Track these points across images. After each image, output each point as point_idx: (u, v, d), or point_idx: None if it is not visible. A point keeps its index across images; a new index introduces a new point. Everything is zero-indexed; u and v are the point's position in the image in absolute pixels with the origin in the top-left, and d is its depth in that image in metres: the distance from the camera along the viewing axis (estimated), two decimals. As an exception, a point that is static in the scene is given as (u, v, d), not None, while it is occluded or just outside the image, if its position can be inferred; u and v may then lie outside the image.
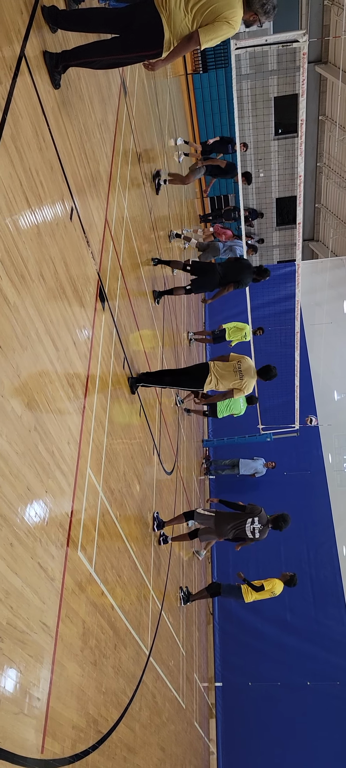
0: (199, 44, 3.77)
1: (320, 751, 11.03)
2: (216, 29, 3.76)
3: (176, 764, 6.66)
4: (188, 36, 3.76)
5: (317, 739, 11.15)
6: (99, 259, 4.46)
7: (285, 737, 11.23)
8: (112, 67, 4.37)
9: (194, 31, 3.75)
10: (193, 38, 3.75)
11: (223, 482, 14.34)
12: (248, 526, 6.96)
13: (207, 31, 3.75)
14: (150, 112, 8.14)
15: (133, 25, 3.65)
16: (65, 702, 3.12)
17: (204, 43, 3.77)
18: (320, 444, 15.04)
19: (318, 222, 24.41)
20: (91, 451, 3.93)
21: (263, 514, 7.03)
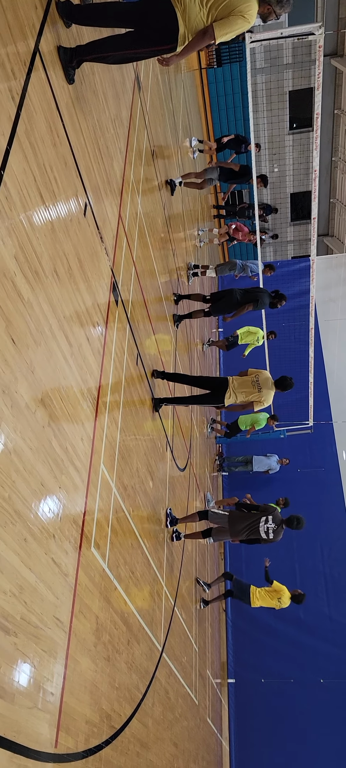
0: (214, 39, 3.73)
1: (333, 748, 10.99)
2: (231, 23, 3.72)
3: (188, 760, 6.66)
4: (203, 30, 3.72)
5: (330, 737, 11.11)
6: (112, 256, 4.45)
7: (298, 734, 11.20)
8: (126, 62, 4.35)
9: (209, 25, 3.72)
10: (208, 32, 3.72)
11: (236, 479, 14.32)
12: (262, 525, 6.92)
13: (222, 26, 3.71)
14: (164, 108, 8.12)
15: (147, 20, 3.63)
16: (79, 697, 3.13)
17: (219, 38, 3.74)
18: (334, 441, 14.96)
19: (333, 217, 24.22)
20: (105, 448, 3.94)
21: (277, 514, 6.99)
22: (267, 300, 8.21)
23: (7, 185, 2.55)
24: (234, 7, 3.70)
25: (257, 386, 6.70)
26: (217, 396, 6.70)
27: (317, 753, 11.01)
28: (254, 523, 6.96)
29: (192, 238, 11.19)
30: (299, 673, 11.77)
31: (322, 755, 10.98)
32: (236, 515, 7.10)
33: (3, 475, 2.40)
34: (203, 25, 3.73)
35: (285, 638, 12.03)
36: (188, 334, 9.58)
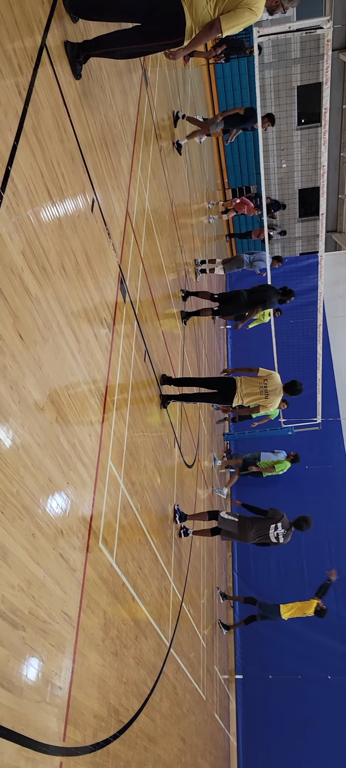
0: (220, 31, 3.73)
1: (340, 744, 10.98)
2: (238, 16, 3.72)
3: (196, 755, 6.67)
4: (210, 23, 3.72)
5: (337, 733, 11.10)
6: (120, 252, 4.45)
7: (305, 730, 11.20)
8: (133, 57, 4.35)
9: (216, 18, 3.71)
10: (215, 26, 3.71)
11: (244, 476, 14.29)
12: (272, 531, 6.93)
13: (229, 18, 3.71)
14: (171, 103, 8.10)
15: (154, 14, 3.61)
16: (87, 691, 3.14)
17: (226, 31, 3.74)
18: (342, 438, 14.91)
19: (341, 213, 24.08)
20: (113, 444, 3.94)
21: (286, 519, 7.00)
22: (275, 298, 8.17)
23: (15, 181, 2.55)
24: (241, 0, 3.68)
25: (265, 392, 6.72)
26: (225, 396, 6.75)
27: (324, 749, 11.00)
28: (263, 530, 6.97)
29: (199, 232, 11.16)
30: (306, 670, 11.76)
31: (329, 751, 10.97)
32: (246, 521, 7.07)
33: (11, 470, 2.41)
34: (210, 18, 3.72)
35: (293, 635, 12.01)
36: (195, 330, 9.57)
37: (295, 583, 12.67)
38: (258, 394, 6.70)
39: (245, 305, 8.15)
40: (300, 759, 10.98)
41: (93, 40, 3.57)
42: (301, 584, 12.67)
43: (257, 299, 8.07)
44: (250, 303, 8.11)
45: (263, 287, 8.30)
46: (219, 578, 10.80)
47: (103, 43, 3.61)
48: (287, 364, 13.74)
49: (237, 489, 14.27)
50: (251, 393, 6.68)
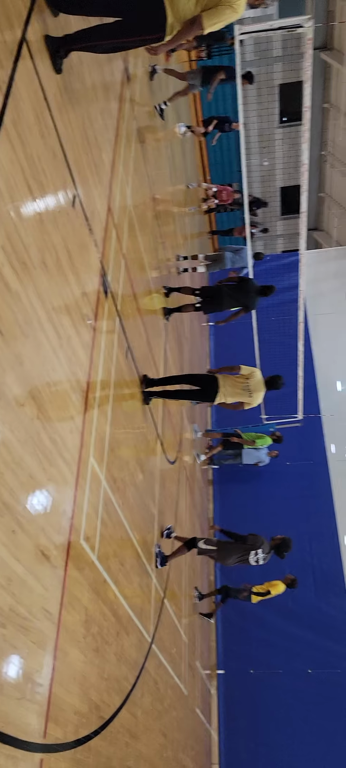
0: (202, 28, 3.75)
1: (321, 737, 11.10)
2: (219, 13, 3.74)
3: (177, 750, 6.70)
4: (191, 20, 3.73)
5: (318, 726, 11.21)
6: (102, 248, 4.44)
7: (286, 724, 11.30)
8: (114, 51, 4.34)
9: (198, 15, 3.72)
10: (196, 22, 3.73)
11: (226, 472, 14.36)
12: (252, 557, 7.00)
13: (210, 16, 3.73)
14: (153, 99, 8.09)
15: (135, 9, 3.63)
16: (68, 688, 3.13)
17: (207, 28, 3.75)
18: (323, 435, 15.04)
19: (322, 211, 24.30)
20: (94, 440, 3.93)
21: (266, 544, 7.05)
22: (257, 299, 8.21)
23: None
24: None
25: (248, 390, 6.76)
26: (207, 394, 6.75)
27: (304, 742, 11.11)
28: (243, 556, 7.02)
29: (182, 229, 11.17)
30: (287, 664, 11.86)
31: (309, 744, 11.08)
32: (226, 548, 7.07)
33: (-9, 466, 2.40)
34: (191, 15, 3.73)
35: (274, 630, 12.11)
36: (178, 327, 9.58)
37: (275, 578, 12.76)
38: (241, 392, 6.74)
39: (228, 304, 8.17)
40: (281, 753, 11.08)
41: (74, 35, 3.56)
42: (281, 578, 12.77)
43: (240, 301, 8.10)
44: (232, 303, 8.13)
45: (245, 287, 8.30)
46: (201, 573, 10.85)
47: (84, 37, 3.59)
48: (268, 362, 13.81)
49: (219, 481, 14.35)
50: (234, 391, 6.71)
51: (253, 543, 6.98)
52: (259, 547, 6.96)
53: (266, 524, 12.67)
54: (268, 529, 10.27)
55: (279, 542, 7.17)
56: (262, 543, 6.99)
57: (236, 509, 13.76)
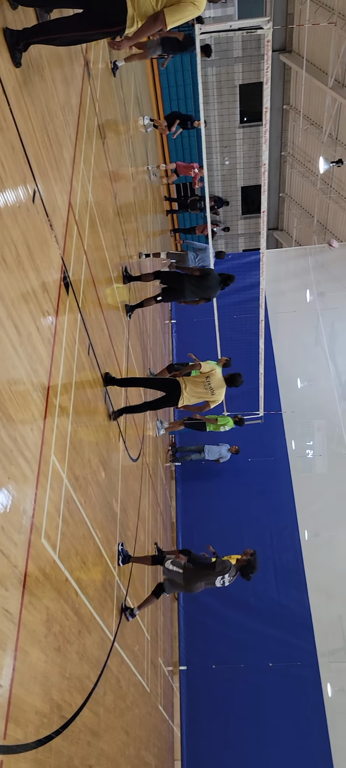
0: (165, 24, 3.81)
1: (281, 729, 11.30)
2: (182, 9, 3.82)
3: (140, 747, 6.71)
4: (154, 16, 3.79)
5: (279, 718, 11.42)
6: (63, 244, 4.41)
7: (248, 718, 11.46)
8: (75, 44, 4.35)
9: (160, 11, 3.79)
10: (159, 18, 3.79)
11: (188, 468, 14.44)
12: (218, 580, 7.01)
13: (173, 12, 3.80)
14: (115, 96, 8.05)
15: (95, 1, 3.64)
16: (28, 688, 3.10)
17: (170, 24, 3.82)
18: (284, 431, 15.28)
19: (282, 211, 24.65)
20: (55, 438, 3.90)
21: (232, 568, 7.07)
22: (217, 290, 8.36)
23: None
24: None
25: (210, 389, 6.90)
26: (170, 399, 6.83)
27: (266, 735, 11.29)
28: (209, 581, 7.03)
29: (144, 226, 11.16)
30: (248, 658, 12.02)
31: (271, 737, 11.27)
32: (192, 573, 7.05)
33: None
34: (152, 10, 3.79)
35: (235, 624, 12.26)
36: (140, 324, 9.57)
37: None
38: (203, 392, 6.85)
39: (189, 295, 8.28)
40: (243, 746, 11.23)
41: (33, 28, 3.52)
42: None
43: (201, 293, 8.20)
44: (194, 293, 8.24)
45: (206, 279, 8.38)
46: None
47: (43, 30, 3.57)
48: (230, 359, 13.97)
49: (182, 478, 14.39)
50: (196, 392, 6.81)
51: (221, 569, 6.97)
52: (226, 572, 6.98)
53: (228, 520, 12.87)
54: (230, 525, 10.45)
55: (245, 564, 7.18)
56: (229, 568, 7.00)
57: (199, 506, 13.87)
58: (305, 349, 17.26)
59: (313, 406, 16.05)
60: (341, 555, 13.62)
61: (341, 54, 15.66)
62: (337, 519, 14.36)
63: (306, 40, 16.89)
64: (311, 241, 21.99)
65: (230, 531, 11.98)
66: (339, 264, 18.65)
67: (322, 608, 12.71)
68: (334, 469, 15.28)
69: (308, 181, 21.13)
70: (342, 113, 17.26)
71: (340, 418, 15.34)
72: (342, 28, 15.17)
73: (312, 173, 20.58)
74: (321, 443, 15.94)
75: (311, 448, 15.98)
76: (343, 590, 13.07)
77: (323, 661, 12.16)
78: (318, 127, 18.93)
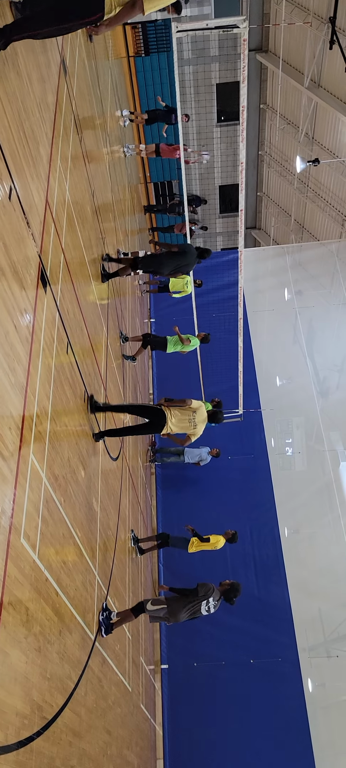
0: (142, 11, 4.00)
1: (263, 724, 11.37)
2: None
3: (122, 746, 6.70)
4: (132, 2, 3.95)
5: (260, 714, 11.48)
6: (40, 242, 4.37)
7: (229, 714, 11.50)
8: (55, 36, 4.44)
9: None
10: (137, 5, 3.97)
11: (168, 470, 14.44)
12: (203, 607, 7.04)
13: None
14: (91, 94, 8.02)
15: None
16: (9, 689, 3.07)
17: (148, 10, 4.00)
18: (263, 428, 15.36)
19: (260, 210, 24.82)
20: (34, 437, 3.87)
21: (216, 591, 7.11)
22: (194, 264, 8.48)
23: None
24: None
25: (193, 424, 7.08)
26: (155, 426, 6.96)
27: (248, 731, 11.35)
28: (195, 610, 7.04)
29: (122, 225, 11.13)
30: (230, 655, 12.06)
31: (253, 732, 11.33)
32: (176, 605, 7.02)
33: None
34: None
35: (216, 622, 12.26)
36: (119, 322, 9.55)
37: (219, 571, 12.95)
38: (187, 425, 7.03)
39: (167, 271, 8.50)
40: (225, 743, 11.27)
41: (13, 24, 3.53)
42: (224, 571, 12.97)
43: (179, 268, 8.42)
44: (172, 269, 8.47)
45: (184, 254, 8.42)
46: (144, 569, 10.87)
47: (24, 26, 3.60)
48: (209, 358, 14.05)
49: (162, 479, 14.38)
50: (180, 424, 6.98)
51: (204, 593, 6.99)
52: (210, 596, 7.01)
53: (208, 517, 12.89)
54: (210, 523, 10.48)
55: (228, 587, 7.23)
56: (212, 591, 7.03)
57: (179, 503, 13.89)
58: (283, 347, 17.40)
59: (292, 404, 16.20)
60: (321, 551, 13.78)
61: (317, 54, 15.82)
62: (316, 515, 14.52)
63: (282, 40, 17.03)
64: (288, 239, 22.17)
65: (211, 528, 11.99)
66: (316, 262, 18.85)
67: (302, 604, 12.82)
68: (313, 466, 15.44)
69: (286, 180, 21.30)
70: (318, 113, 17.45)
71: (318, 416, 15.49)
72: (317, 29, 15.33)
73: (289, 172, 20.76)
74: (300, 440, 16.10)
75: (291, 446, 16.13)
76: (323, 586, 13.21)
77: (304, 656, 12.26)
78: (295, 126, 19.10)
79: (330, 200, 18.96)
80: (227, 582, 7.30)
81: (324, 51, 15.53)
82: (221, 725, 11.40)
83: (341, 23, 13.66)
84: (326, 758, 11.34)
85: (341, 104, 15.75)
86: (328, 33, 14.01)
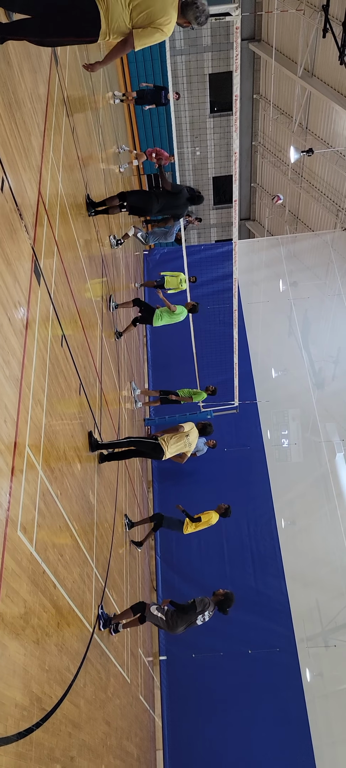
0: (133, 47, 4.21)
1: (262, 714, 11.43)
2: (150, 34, 4.19)
3: (121, 737, 6.72)
4: (124, 41, 4.21)
5: (259, 704, 11.54)
6: (33, 234, 4.35)
7: (228, 705, 11.56)
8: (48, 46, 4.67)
9: (129, 34, 4.18)
10: (128, 42, 4.20)
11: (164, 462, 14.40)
12: (199, 619, 7.26)
13: (141, 36, 4.18)
14: (83, 85, 7.97)
15: (71, 12, 3.92)
16: (7, 681, 3.07)
17: (138, 47, 4.21)
18: (259, 420, 15.39)
19: (254, 201, 24.78)
20: (30, 430, 3.86)
21: (211, 604, 7.33)
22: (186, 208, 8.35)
23: None
24: (155, 19, 4.13)
25: (188, 444, 7.76)
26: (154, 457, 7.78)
27: (247, 721, 11.41)
28: (191, 622, 7.30)
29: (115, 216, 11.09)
30: (228, 646, 12.10)
31: (252, 723, 11.39)
32: (174, 617, 7.26)
33: None
34: (124, 26, 4.13)
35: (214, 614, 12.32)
36: (113, 318, 9.53)
37: (216, 563, 13.01)
38: (183, 446, 7.71)
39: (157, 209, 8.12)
40: (224, 733, 11.32)
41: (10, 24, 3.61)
42: (222, 563, 13.04)
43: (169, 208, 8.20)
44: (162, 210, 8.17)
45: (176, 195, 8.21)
46: (142, 562, 10.88)
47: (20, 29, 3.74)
48: (205, 350, 14.04)
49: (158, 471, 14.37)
50: (177, 448, 7.63)
51: (201, 609, 7.24)
52: (206, 610, 7.26)
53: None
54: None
55: (222, 598, 7.42)
56: (208, 605, 7.28)
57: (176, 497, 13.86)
58: (278, 339, 17.41)
59: (288, 395, 16.23)
60: (318, 542, 13.83)
61: (310, 43, 15.77)
62: (313, 507, 14.57)
63: (275, 28, 16.97)
64: (283, 230, 22.16)
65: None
66: (311, 253, 18.85)
67: (299, 595, 12.89)
68: (309, 457, 15.48)
69: (279, 170, 21.27)
70: (312, 102, 17.41)
71: (314, 407, 15.52)
72: (310, 17, 15.28)
73: (283, 163, 20.72)
74: (296, 432, 16.13)
75: (287, 437, 16.16)
76: (320, 576, 13.28)
77: (302, 646, 12.33)
78: (288, 116, 19.06)
79: (324, 190, 18.95)
80: (221, 592, 7.49)
81: (317, 40, 15.49)
82: (219, 716, 11.45)
83: (335, 11, 13.61)
84: (325, 747, 11.41)
85: (335, 93, 15.72)
86: (321, 21, 13.96)
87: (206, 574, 12.73)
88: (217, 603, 7.37)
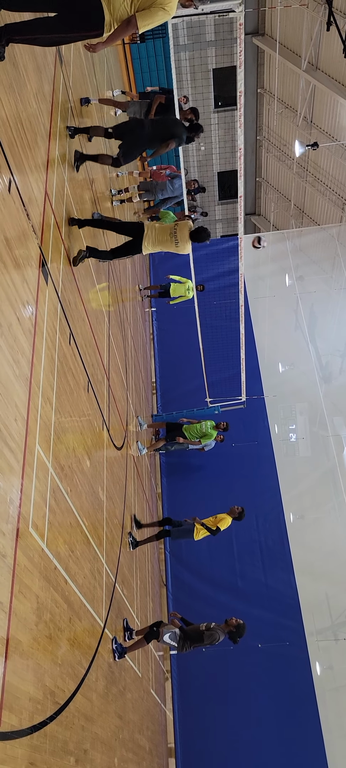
0: (136, 28, 4.21)
1: (272, 708, 11.45)
2: (152, 15, 4.20)
3: (133, 731, 6.77)
4: (127, 20, 4.16)
5: (269, 698, 11.56)
6: (40, 234, 4.39)
7: (239, 699, 11.57)
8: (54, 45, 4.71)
9: (132, 15, 4.17)
10: (131, 23, 4.17)
11: (173, 454, 14.46)
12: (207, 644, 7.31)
13: (144, 17, 4.18)
14: (88, 83, 8.00)
15: (75, 7, 3.95)
16: (21, 675, 3.12)
17: (141, 28, 4.22)
18: (267, 415, 15.36)
19: (259, 196, 24.74)
20: (40, 428, 3.90)
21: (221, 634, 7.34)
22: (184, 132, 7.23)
23: None
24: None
25: (175, 239, 6.58)
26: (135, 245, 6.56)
27: (256, 715, 11.43)
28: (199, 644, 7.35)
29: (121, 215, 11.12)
30: (238, 640, 12.11)
31: (262, 716, 11.41)
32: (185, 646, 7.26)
33: None
34: (126, 14, 4.14)
35: (224, 607, 12.31)
36: (120, 313, 9.57)
37: (225, 558, 13.03)
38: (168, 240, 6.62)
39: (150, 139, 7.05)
40: (234, 726, 11.36)
41: (15, 25, 3.64)
42: (231, 558, 13.05)
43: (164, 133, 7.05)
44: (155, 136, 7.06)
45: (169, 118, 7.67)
46: (151, 557, 10.93)
47: (25, 28, 3.77)
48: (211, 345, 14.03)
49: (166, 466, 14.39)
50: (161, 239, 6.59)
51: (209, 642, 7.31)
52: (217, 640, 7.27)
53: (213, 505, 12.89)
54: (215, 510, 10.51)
55: (234, 630, 7.41)
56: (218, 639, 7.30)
57: (184, 491, 13.92)
58: (285, 333, 17.37)
59: (295, 390, 16.19)
60: (326, 535, 13.81)
61: (314, 36, 15.71)
62: (321, 500, 14.56)
63: (278, 22, 16.90)
64: (288, 225, 22.10)
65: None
66: (317, 247, 18.79)
67: (308, 588, 12.88)
68: (317, 451, 15.46)
69: (284, 164, 21.22)
70: (316, 96, 17.35)
71: (321, 401, 15.49)
72: (314, 10, 15.22)
73: (288, 157, 20.67)
74: (304, 426, 16.10)
75: (294, 432, 16.14)
76: (329, 570, 13.26)
77: (311, 640, 12.33)
78: (293, 110, 19.00)
79: (330, 184, 18.88)
80: (233, 623, 7.45)
81: (321, 33, 15.42)
82: (230, 709, 11.48)
83: (339, 4, 13.56)
84: (336, 740, 11.42)
85: (340, 86, 15.66)
86: (325, 14, 13.89)
87: (215, 569, 12.75)
88: (227, 633, 7.34)
